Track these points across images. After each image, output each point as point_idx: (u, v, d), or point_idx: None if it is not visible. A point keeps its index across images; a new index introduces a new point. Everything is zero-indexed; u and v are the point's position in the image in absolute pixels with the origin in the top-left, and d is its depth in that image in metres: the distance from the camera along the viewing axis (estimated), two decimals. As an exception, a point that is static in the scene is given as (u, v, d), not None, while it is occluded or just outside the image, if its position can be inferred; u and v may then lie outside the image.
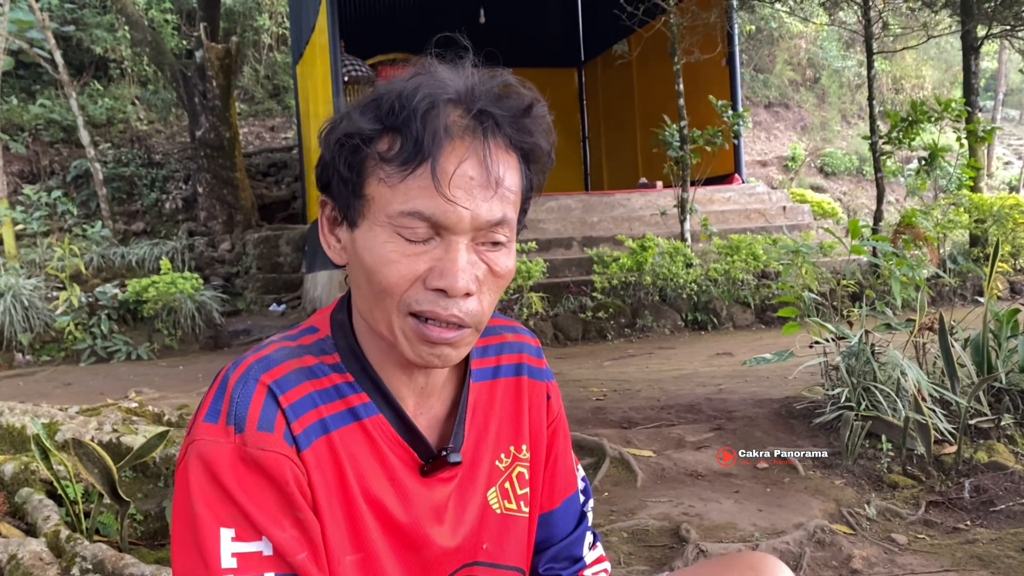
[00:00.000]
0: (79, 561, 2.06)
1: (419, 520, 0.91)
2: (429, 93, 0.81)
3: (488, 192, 0.81)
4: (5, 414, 3.32)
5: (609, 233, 8.87)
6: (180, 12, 15.33)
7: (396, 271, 0.82)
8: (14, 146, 12.58)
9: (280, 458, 0.81)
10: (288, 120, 15.32)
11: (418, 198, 0.80)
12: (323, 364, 0.89)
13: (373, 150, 0.82)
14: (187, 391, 5.59)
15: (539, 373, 1.06)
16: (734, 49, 10.33)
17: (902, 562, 2.23)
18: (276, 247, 11.28)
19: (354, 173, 0.84)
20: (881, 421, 3.03)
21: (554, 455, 1.08)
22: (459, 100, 0.82)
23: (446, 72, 0.84)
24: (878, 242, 3.68)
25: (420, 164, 0.79)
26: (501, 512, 1.00)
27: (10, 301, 7.89)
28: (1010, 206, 8.42)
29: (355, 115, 0.84)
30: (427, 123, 0.79)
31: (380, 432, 0.89)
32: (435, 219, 0.80)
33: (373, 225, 0.83)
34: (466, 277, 0.82)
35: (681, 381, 4.79)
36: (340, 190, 0.86)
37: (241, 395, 0.83)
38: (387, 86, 0.84)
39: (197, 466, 0.81)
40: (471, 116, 0.81)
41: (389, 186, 0.81)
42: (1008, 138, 19.20)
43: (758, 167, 15.29)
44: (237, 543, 0.79)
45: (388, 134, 0.82)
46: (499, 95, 0.84)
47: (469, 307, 0.83)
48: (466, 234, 0.82)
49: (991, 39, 9.34)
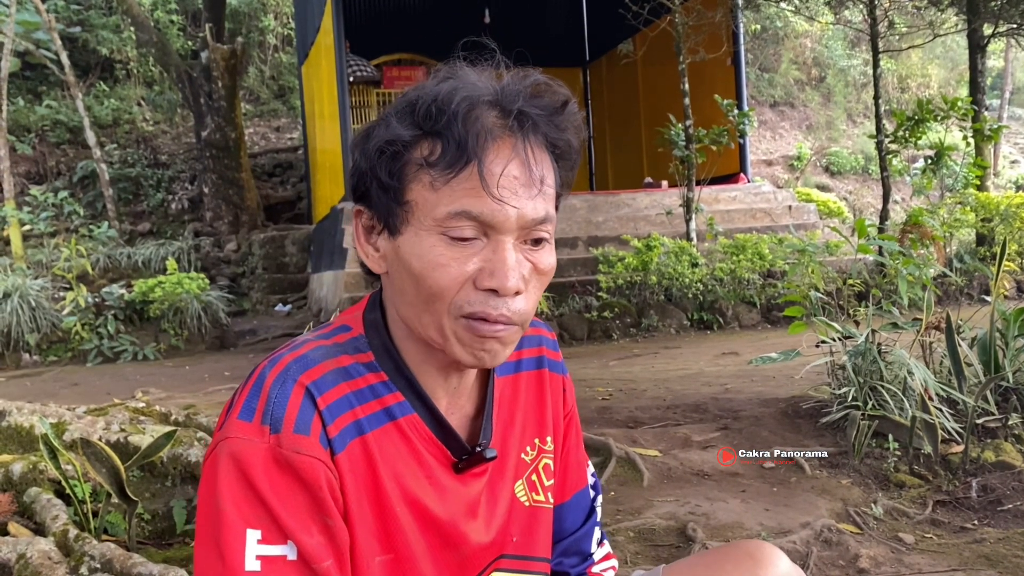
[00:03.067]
0: (87, 560, 2.07)
1: (455, 517, 0.91)
2: (467, 96, 0.82)
3: (532, 191, 0.83)
4: (13, 414, 3.33)
5: (614, 233, 8.87)
6: (185, 13, 15.38)
7: (447, 274, 0.82)
8: (21, 147, 12.63)
9: (315, 463, 0.81)
10: (293, 120, 15.35)
11: (465, 199, 0.81)
12: (358, 364, 0.89)
13: (413, 156, 0.83)
14: (193, 391, 5.60)
15: (557, 366, 1.08)
16: (739, 48, 10.32)
17: (909, 561, 2.23)
18: (282, 247, 11.31)
19: (395, 180, 0.84)
20: (888, 420, 3.02)
21: (567, 449, 1.09)
22: (496, 101, 0.83)
23: (475, 75, 0.85)
24: (885, 241, 3.67)
25: (466, 165, 0.80)
26: (530, 504, 1.01)
27: (17, 302, 7.92)
28: (1017, 205, 8.38)
29: (392, 122, 0.84)
30: (469, 125, 0.80)
31: (415, 431, 0.89)
32: (483, 219, 0.81)
33: (419, 230, 0.83)
34: (515, 276, 0.83)
35: (687, 381, 4.79)
36: (380, 198, 0.86)
37: (279, 395, 0.82)
38: (418, 91, 0.84)
39: (228, 464, 0.80)
40: (510, 116, 0.82)
41: (434, 189, 0.82)
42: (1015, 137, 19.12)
43: (764, 166, 15.26)
44: (262, 545, 0.79)
45: (428, 139, 0.83)
46: (533, 94, 0.85)
47: (518, 306, 0.84)
48: (512, 233, 0.83)
49: (997, 37, 9.30)
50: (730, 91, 9.87)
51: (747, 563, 1.00)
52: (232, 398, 0.86)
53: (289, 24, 16.09)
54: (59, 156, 13.01)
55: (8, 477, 2.72)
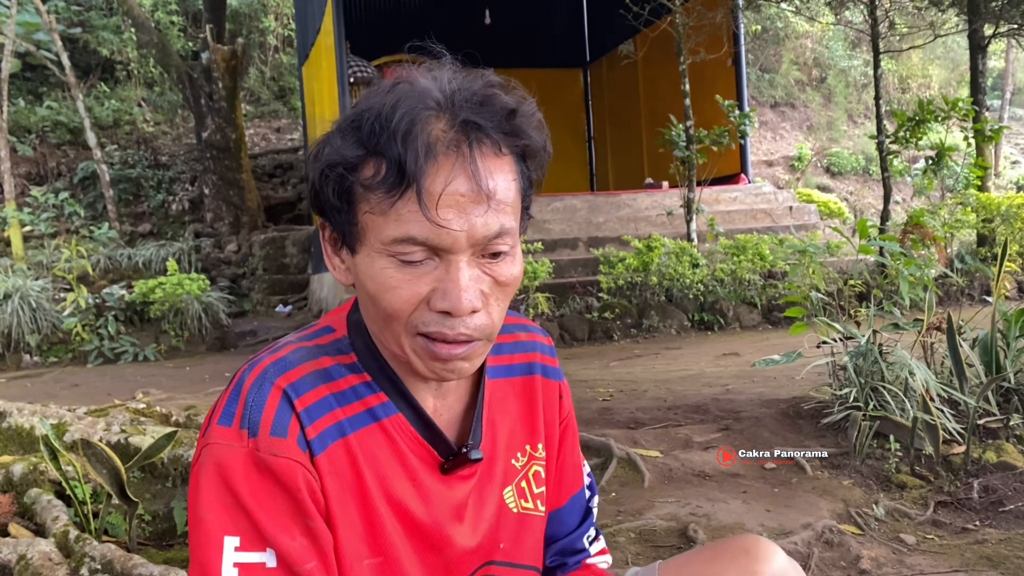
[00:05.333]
0: (88, 561, 2.07)
1: (440, 520, 0.90)
2: (408, 110, 0.78)
3: (481, 207, 0.78)
4: (14, 415, 3.33)
5: (615, 233, 8.86)
6: (186, 14, 15.38)
7: (398, 296, 0.80)
8: (21, 148, 12.63)
9: (292, 464, 0.80)
10: (294, 121, 15.35)
11: (409, 223, 0.77)
12: (340, 365, 0.88)
13: (360, 176, 0.80)
14: (194, 392, 5.60)
15: (552, 372, 1.06)
16: (740, 49, 10.32)
17: (911, 562, 2.22)
18: (282, 248, 11.31)
19: (343, 202, 0.82)
20: (889, 421, 3.01)
21: (563, 453, 1.08)
22: (441, 110, 0.79)
23: (426, 80, 0.81)
24: (886, 242, 3.67)
25: (406, 189, 0.77)
26: (518, 511, 0.99)
27: (18, 303, 7.92)
28: (1018, 205, 8.38)
29: (336, 141, 0.81)
30: (408, 144, 0.76)
31: (399, 431, 0.88)
32: (429, 242, 0.78)
33: (370, 252, 0.81)
34: (470, 295, 0.80)
35: (688, 381, 4.79)
36: (335, 217, 0.84)
37: (256, 399, 0.82)
38: (366, 103, 0.81)
39: (209, 470, 0.80)
40: (455, 128, 0.78)
41: (378, 213, 0.79)
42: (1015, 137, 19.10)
43: (764, 167, 15.25)
44: (240, 552, 0.78)
45: (372, 159, 0.79)
46: (482, 100, 0.80)
47: (477, 322, 0.82)
48: (464, 252, 0.79)
49: (998, 38, 9.29)
50: (731, 92, 9.87)
51: (743, 558, 0.99)
52: (215, 402, 0.85)
53: (289, 25, 16.09)
54: (60, 157, 13.01)
55: (9, 478, 2.71)
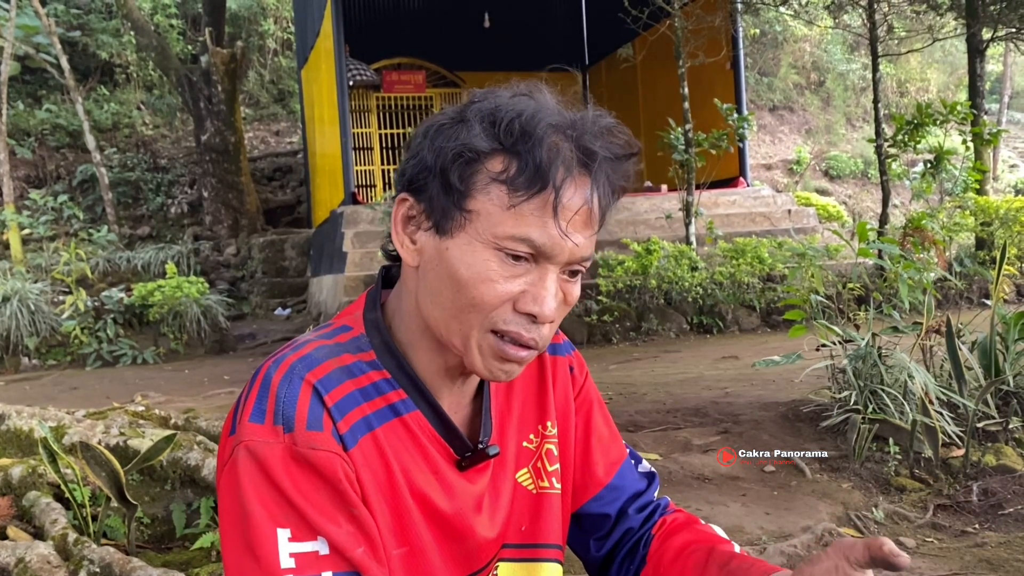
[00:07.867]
0: (86, 564, 2.07)
1: (463, 511, 0.92)
2: (552, 123, 0.82)
3: (589, 230, 0.85)
4: (12, 418, 3.33)
5: (614, 237, 8.86)
6: (185, 17, 15.39)
7: (493, 290, 0.83)
8: (20, 151, 12.63)
9: (332, 456, 0.81)
10: (293, 124, 15.36)
11: (532, 226, 0.81)
12: (360, 362, 0.89)
13: (487, 167, 0.83)
14: (193, 395, 5.60)
15: (560, 348, 1.08)
16: (738, 52, 10.34)
17: (910, 565, 2.22)
18: (281, 251, 11.31)
19: (463, 185, 0.84)
20: (888, 424, 3.01)
21: (593, 426, 1.09)
22: (570, 134, 0.83)
23: (551, 99, 0.85)
24: (885, 245, 3.67)
25: (541, 191, 0.81)
26: (536, 492, 1.01)
27: (16, 305, 7.92)
28: (1016, 209, 8.40)
29: (475, 127, 0.83)
30: (552, 153, 0.81)
31: (419, 427, 0.90)
32: (544, 249, 0.82)
33: (473, 240, 0.83)
34: (554, 305, 0.85)
35: (687, 384, 4.79)
36: (438, 196, 0.85)
37: (287, 395, 0.82)
38: (498, 101, 0.84)
39: (249, 467, 0.80)
40: (582, 152, 0.83)
41: (501, 207, 0.82)
42: (1014, 141, 19.15)
43: (763, 170, 15.27)
44: (294, 543, 0.79)
45: (504, 155, 0.82)
46: (604, 133, 0.85)
47: (546, 332, 0.86)
48: (561, 265, 0.84)
49: (996, 42, 9.31)
50: (729, 95, 9.88)
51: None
52: (239, 401, 0.86)
53: (289, 28, 16.11)
54: (59, 160, 13.01)
55: (7, 481, 2.71)
